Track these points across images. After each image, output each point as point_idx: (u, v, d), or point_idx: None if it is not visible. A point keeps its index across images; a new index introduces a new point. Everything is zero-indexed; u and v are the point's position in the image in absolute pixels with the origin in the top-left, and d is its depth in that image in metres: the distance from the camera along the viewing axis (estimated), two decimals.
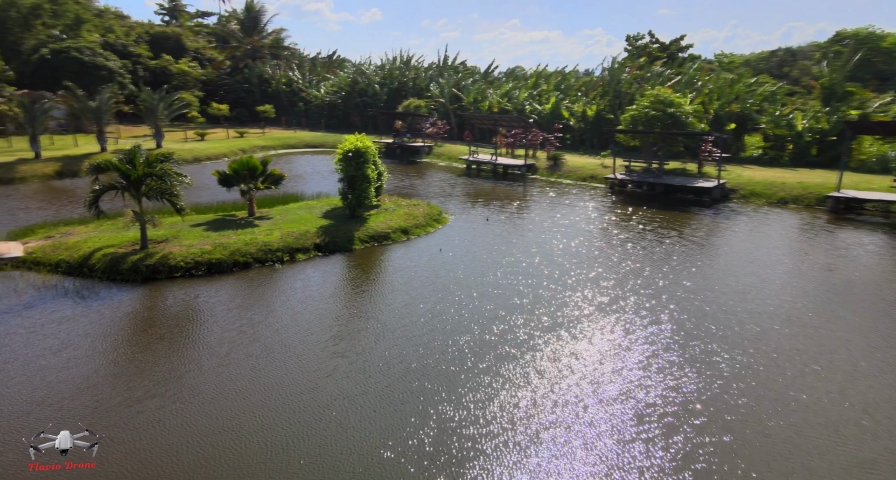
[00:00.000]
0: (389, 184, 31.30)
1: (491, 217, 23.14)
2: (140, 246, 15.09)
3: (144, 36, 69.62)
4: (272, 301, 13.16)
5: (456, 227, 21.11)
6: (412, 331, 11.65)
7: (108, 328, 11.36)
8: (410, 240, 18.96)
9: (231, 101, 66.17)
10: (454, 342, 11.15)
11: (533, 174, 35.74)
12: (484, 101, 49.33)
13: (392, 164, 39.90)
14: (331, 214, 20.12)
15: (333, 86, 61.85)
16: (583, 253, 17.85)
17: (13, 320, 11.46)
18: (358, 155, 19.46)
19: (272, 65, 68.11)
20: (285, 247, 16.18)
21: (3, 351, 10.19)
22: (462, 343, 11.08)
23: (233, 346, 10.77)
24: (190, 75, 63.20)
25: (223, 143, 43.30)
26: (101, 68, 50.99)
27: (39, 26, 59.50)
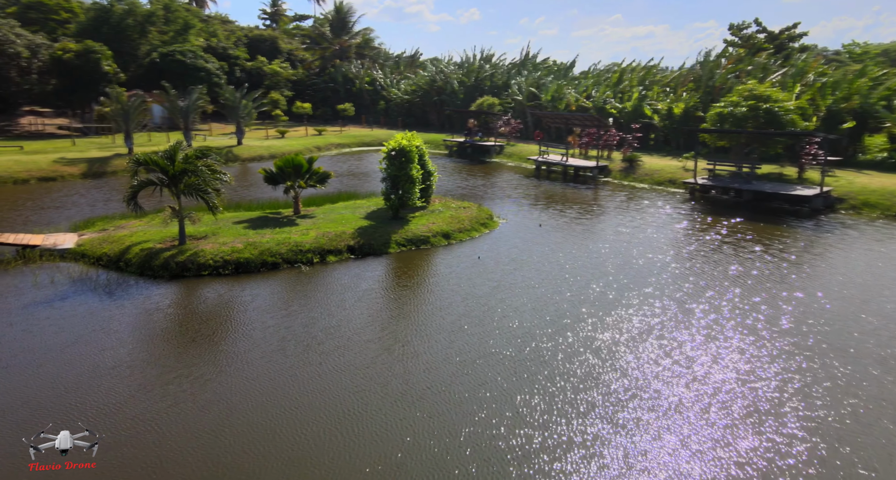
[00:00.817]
0: (450, 184, 30.63)
1: (548, 222, 21.69)
2: (178, 242, 15.45)
3: (244, 39, 74.02)
4: (288, 306, 12.85)
5: (505, 233, 19.94)
6: (425, 353, 10.79)
7: (124, 324, 11.53)
8: (451, 246, 18.08)
9: (317, 100, 68.68)
10: (456, 378, 10.14)
11: (605, 177, 33.50)
12: (562, 99, 47.22)
13: (460, 164, 39.18)
14: (374, 215, 19.71)
15: (412, 85, 62.21)
16: (642, 269, 16.02)
17: (41, 312, 11.98)
18: (401, 154, 18.86)
19: (356, 64, 69.81)
20: (317, 249, 15.92)
21: (13, 345, 10.57)
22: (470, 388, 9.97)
23: (249, 348, 10.51)
24: (281, 75, 66.24)
25: (300, 141, 44.76)
26: (200, 70, 54.62)
27: (154, 32, 65.04)
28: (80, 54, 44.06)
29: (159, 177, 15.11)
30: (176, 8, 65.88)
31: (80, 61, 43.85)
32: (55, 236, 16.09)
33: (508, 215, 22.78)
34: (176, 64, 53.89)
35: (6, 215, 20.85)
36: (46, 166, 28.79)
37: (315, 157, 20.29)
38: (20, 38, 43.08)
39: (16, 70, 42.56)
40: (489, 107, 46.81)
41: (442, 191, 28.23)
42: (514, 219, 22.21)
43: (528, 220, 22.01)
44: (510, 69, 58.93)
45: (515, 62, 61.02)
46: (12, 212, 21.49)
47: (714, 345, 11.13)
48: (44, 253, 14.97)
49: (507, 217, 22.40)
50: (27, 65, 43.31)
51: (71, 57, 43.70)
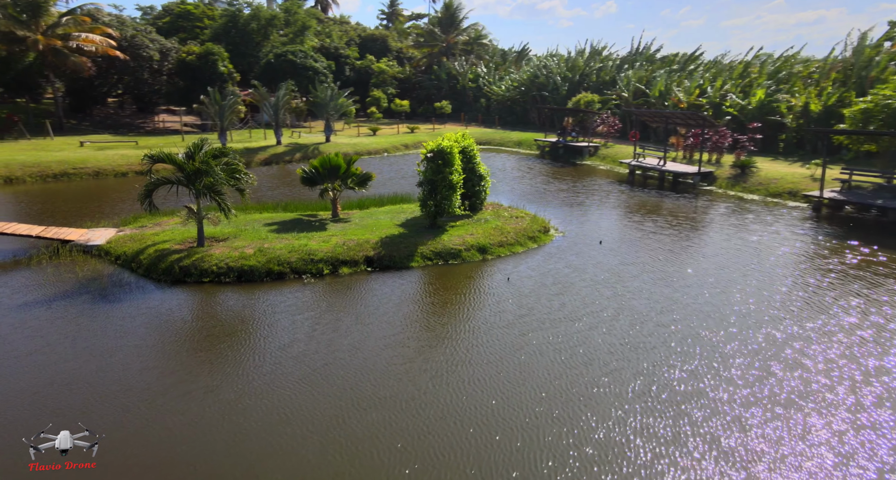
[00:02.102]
0: (528, 188, 28.29)
1: (619, 238, 18.74)
2: (196, 244, 15.16)
3: (357, 39, 76.40)
4: (258, 328, 11.79)
5: (556, 249, 17.43)
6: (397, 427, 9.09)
7: (92, 334, 11.17)
8: (486, 262, 16.04)
9: (422, 98, 68.89)
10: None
11: (709, 184, 28.98)
12: (673, 96, 42.23)
13: (548, 166, 36.42)
14: (411, 222, 18.23)
15: (514, 82, 59.79)
16: (722, 313, 12.90)
17: (21, 314, 12.04)
18: (439, 156, 17.14)
19: (461, 61, 68.83)
20: (331, 258, 14.78)
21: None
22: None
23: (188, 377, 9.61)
24: (386, 73, 67.26)
25: (390, 138, 44.64)
26: (309, 69, 56.92)
27: (275, 34, 69.28)
28: (201, 56, 47.70)
29: (177, 177, 14.87)
30: (295, 11, 69.52)
31: (200, 63, 47.48)
32: (95, 231, 16.64)
33: (571, 227, 20.09)
34: (287, 64, 56.64)
35: (85, 207, 22.40)
36: (137, 162, 30.96)
37: (400, 153, 19.18)
38: (154, 43, 47.56)
39: (148, 72, 47.08)
40: (587, 105, 43.23)
41: (515, 194, 26.09)
42: (576, 232, 19.49)
43: (592, 234, 19.19)
44: (620, 63, 54.27)
45: (626, 55, 56.13)
46: (93, 203, 23.10)
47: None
48: (74, 249, 15.45)
49: (567, 229, 19.75)
50: (158, 67, 47.75)
51: (193, 59, 47.46)
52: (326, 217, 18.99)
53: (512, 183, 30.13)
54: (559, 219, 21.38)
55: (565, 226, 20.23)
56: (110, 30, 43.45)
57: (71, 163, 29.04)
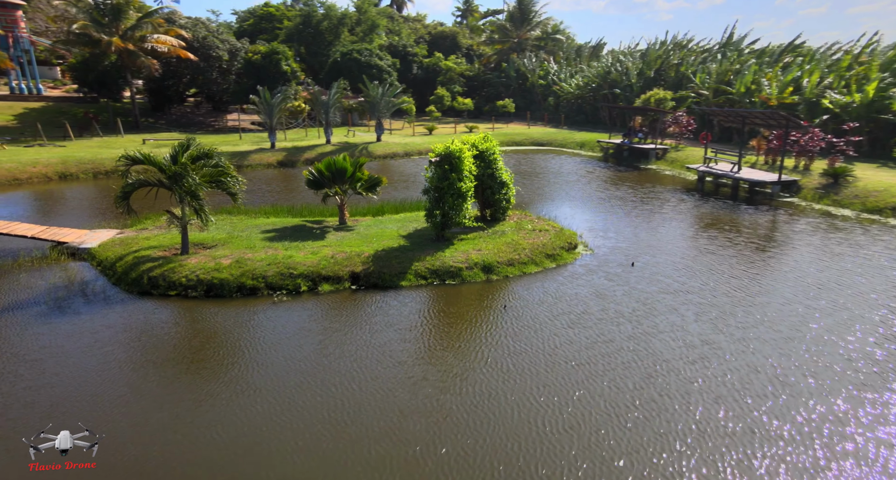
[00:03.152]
0: (578, 193, 25.77)
1: (665, 260, 16.03)
2: (181, 251, 14.35)
3: (427, 36, 75.61)
4: (190, 359, 10.56)
5: (578, 271, 15.04)
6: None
7: (31, 351, 10.45)
8: (490, 283, 14.02)
9: (491, 96, 66.85)
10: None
11: (791, 195, 24.92)
12: (760, 92, 37.40)
13: (608, 170, 33.32)
14: (417, 233, 16.52)
15: (585, 79, 56.23)
16: (817, 386, 10.22)
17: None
18: (446, 160, 15.28)
19: (530, 58, 65.99)
20: (312, 273, 13.41)
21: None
22: None
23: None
24: (454, 71, 65.82)
25: (445, 138, 43.01)
26: (373, 67, 56.69)
27: (346, 33, 69.94)
28: (266, 56, 48.57)
29: (159, 179, 14.09)
30: (366, 9, 69.77)
31: (264, 62, 48.35)
32: (96, 233, 16.36)
33: (607, 243, 17.51)
34: (352, 62, 56.72)
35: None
36: None
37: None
38: (224, 43, 49.04)
39: (217, 72, 48.63)
40: (657, 103, 39.34)
41: (562, 201, 23.69)
42: (611, 249, 16.90)
43: (631, 253, 16.55)
44: (704, 57, 49.30)
45: (712, 47, 50.95)
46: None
47: None
48: (66, 252, 15.15)
49: (601, 246, 17.21)
50: (227, 67, 49.21)
51: (258, 58, 48.43)
52: (332, 224, 17.72)
53: (563, 188, 27.57)
54: (598, 232, 18.82)
55: (603, 241, 17.69)
56: (182, 31, 45.17)
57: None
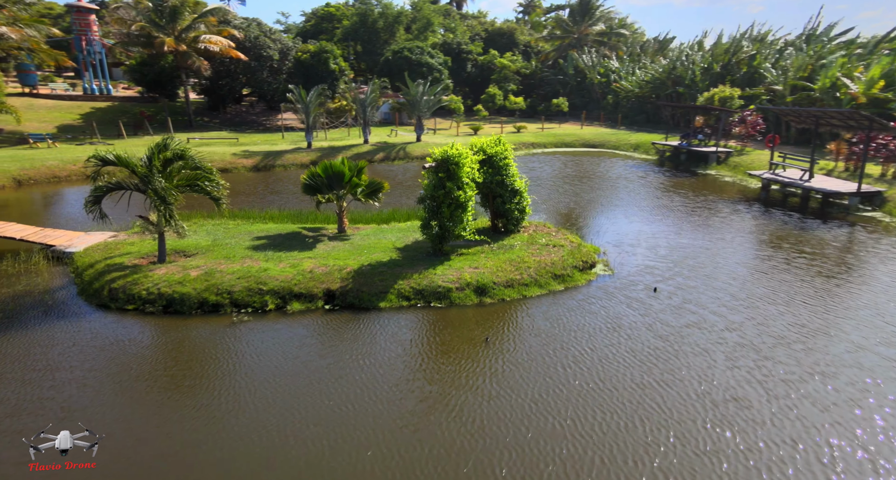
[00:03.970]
0: (620, 202, 23.28)
1: (701, 285, 13.66)
2: (158, 259, 13.54)
3: (483, 33, 73.79)
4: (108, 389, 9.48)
5: (589, 295, 12.98)
6: None
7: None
8: (482, 307, 12.26)
9: (548, 95, 64.20)
10: None
11: (874, 209, 21.33)
12: (846, 88, 33.01)
13: (661, 176, 30.40)
14: (415, 246, 14.95)
15: (647, 75, 52.52)
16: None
17: None
18: (442, 167, 13.62)
19: (590, 54, 62.68)
20: (282, 290, 12.17)
21: None
22: None
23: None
24: (508, 69, 63.66)
25: (490, 139, 41.12)
26: (423, 65, 55.67)
27: (401, 31, 69.39)
28: (314, 54, 48.55)
29: (135, 182, 13.29)
30: (420, 7, 68.87)
31: (313, 61, 48.36)
32: (90, 236, 15.94)
33: (630, 262, 15.24)
34: (403, 61, 55.96)
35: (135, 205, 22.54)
36: (228, 158, 31.49)
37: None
38: (275, 43, 49.48)
39: (268, 71, 49.13)
40: (722, 101, 35.63)
41: (597, 212, 21.44)
42: (636, 268, 14.64)
43: (658, 274, 14.25)
44: (781, 49, 44.59)
45: (792, 40, 46.03)
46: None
47: None
48: (51, 256, 14.73)
49: (625, 264, 14.97)
50: (278, 66, 49.64)
51: (307, 57, 48.49)
52: (330, 232, 16.50)
53: (604, 195, 25.15)
54: (628, 247, 16.54)
55: (631, 259, 15.45)
56: (235, 32, 45.85)
57: None
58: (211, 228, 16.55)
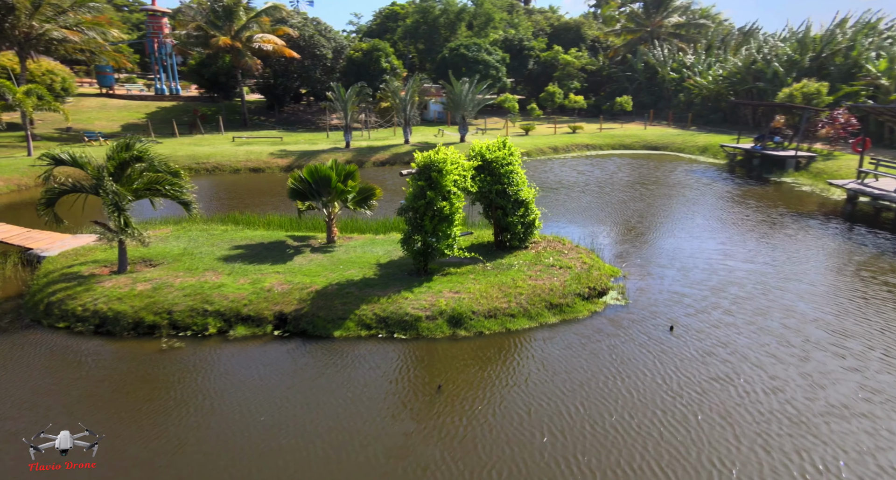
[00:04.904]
0: (671, 213, 20.36)
1: (727, 325, 10.96)
2: (118, 269, 12.54)
3: (548, 29, 70.57)
4: None
5: (588, 332, 10.60)
6: None
7: None
8: (453, 341, 10.26)
9: (616, 92, 60.13)
10: None
11: None
12: None
13: (729, 183, 26.77)
14: (399, 262, 13.10)
15: (724, 70, 47.57)
16: None
17: None
18: (425, 173, 11.68)
19: (661, 48, 58.03)
20: (230, 311, 10.74)
21: None
22: None
23: None
24: (572, 65, 60.24)
25: (539, 140, 38.57)
26: (479, 63, 53.60)
27: (463, 27, 67.61)
28: (366, 53, 47.82)
29: (90, 184, 12.31)
30: (481, 2, 66.76)
31: (364, 59, 47.64)
32: (77, 238, 15.33)
33: (656, 287, 12.60)
34: (459, 58, 54.15)
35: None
36: (264, 157, 31.05)
37: (542, 157, 14.57)
38: (330, 42, 49.24)
39: (322, 70, 48.99)
40: (807, 98, 31.03)
41: (628, 223, 18.68)
42: (659, 296, 12.02)
43: (685, 305, 11.60)
44: (888, 39, 38.67)
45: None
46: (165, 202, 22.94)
47: None
48: (26, 260, 14.15)
49: (644, 293, 12.37)
50: (331, 65, 49.40)
51: (359, 56, 47.85)
52: (318, 242, 15.00)
53: (655, 204, 22.17)
54: (656, 268, 13.88)
55: (657, 283, 12.86)
56: (290, 30, 45.94)
57: (197, 158, 30.33)
58: (196, 234, 15.54)
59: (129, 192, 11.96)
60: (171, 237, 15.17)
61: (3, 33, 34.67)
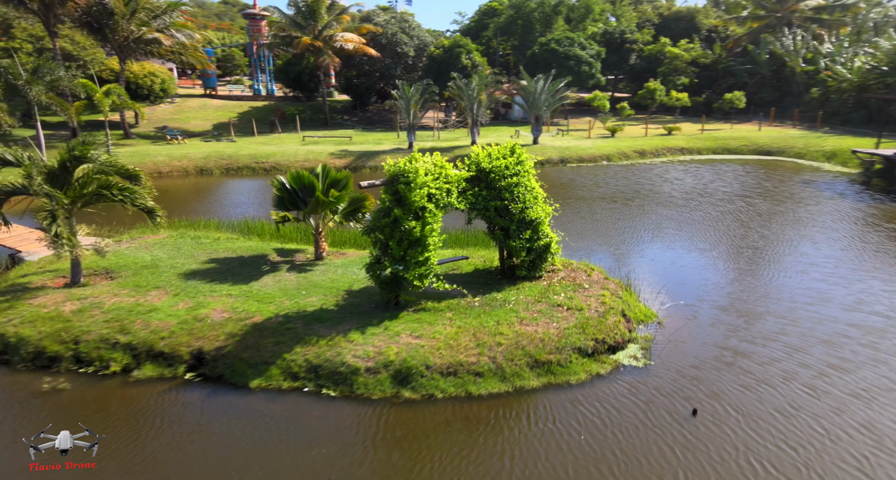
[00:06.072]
0: (772, 233, 16.04)
1: (787, 402, 7.34)
2: (70, 281, 11.36)
3: (656, 19, 64.21)
4: None
5: (571, 413, 7.48)
6: None
7: None
8: (393, 406, 7.67)
9: (730, 88, 52.92)
10: None
11: None
12: None
13: (857, 200, 21.28)
14: (371, 291, 10.65)
15: (876, 58, 39.47)
16: None
17: None
18: (390, 186, 9.14)
19: (792, 35, 49.91)
20: (142, 345, 8.96)
21: None
22: None
23: None
24: (681, 59, 53.90)
25: (623, 143, 34.03)
26: (570, 58, 49.56)
27: (560, 21, 63.47)
28: (447, 50, 45.81)
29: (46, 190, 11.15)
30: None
31: (445, 56, 45.66)
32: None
33: (695, 338, 9.01)
34: (549, 54, 50.49)
35: (185, 206, 21.78)
36: (322, 158, 30.05)
37: (626, 161, 12.33)
38: (412, 39, 47.88)
39: (402, 68, 47.80)
40: None
41: (710, 248, 14.79)
42: (694, 357, 8.47)
43: (732, 371, 8.02)
44: None
45: None
46: (200, 203, 22.45)
47: None
48: (9, 263, 13.53)
49: (672, 351, 8.83)
50: (412, 63, 48.06)
51: (439, 53, 45.97)
52: (304, 257, 13.00)
53: (751, 224, 17.76)
54: (708, 312, 10.19)
55: (698, 334, 9.29)
56: (373, 27, 45.18)
57: (257, 158, 30.07)
58: (186, 242, 14.23)
59: (66, 197, 10.66)
60: (157, 244, 13.97)
61: (106, 37, 37.04)
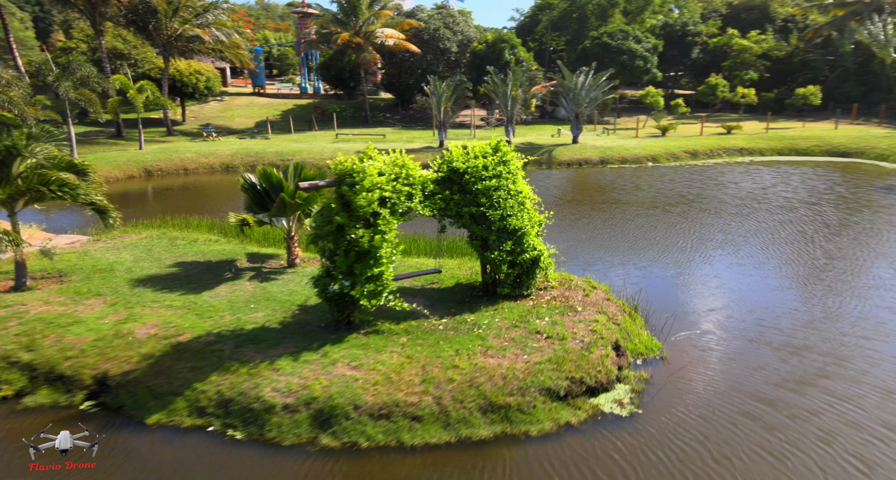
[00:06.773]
0: (828, 248, 13.48)
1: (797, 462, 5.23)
2: (15, 285, 10.49)
3: (723, 9, 59.64)
4: None
5: (539, 467, 5.63)
6: None
7: None
8: (305, 456, 6.09)
9: (808, 83, 48.04)
10: None
11: None
12: None
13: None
14: (323, 309, 9.11)
15: None
16: None
17: None
18: (337, 187, 7.57)
19: (882, 22, 44.66)
20: (44, 366, 7.78)
21: None
22: None
23: None
24: (749, 51, 49.49)
25: (673, 143, 30.99)
26: (624, 52, 46.50)
27: (617, 14, 60.14)
28: (490, 45, 43.93)
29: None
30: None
31: (488, 52, 43.79)
32: (59, 238, 14.01)
33: (694, 385, 6.87)
34: (600, 48, 47.67)
35: (196, 203, 21.10)
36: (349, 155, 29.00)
37: (674, 162, 10.88)
38: (456, 35, 46.26)
39: (445, 64, 46.30)
40: None
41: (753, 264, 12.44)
42: (702, 405, 6.38)
43: (758, 421, 5.90)
44: None
45: None
46: (209, 200, 21.75)
47: None
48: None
49: (675, 394, 6.73)
50: (455, 59, 46.48)
51: (482, 48, 44.14)
52: (277, 264, 11.67)
53: (815, 238, 15.07)
54: (722, 353, 8.00)
55: (705, 377, 7.18)
56: (415, 23, 43.92)
57: (283, 155, 29.36)
58: (161, 243, 13.23)
59: (3, 193, 9.72)
60: (130, 245, 13.03)
61: (150, 36, 37.64)
